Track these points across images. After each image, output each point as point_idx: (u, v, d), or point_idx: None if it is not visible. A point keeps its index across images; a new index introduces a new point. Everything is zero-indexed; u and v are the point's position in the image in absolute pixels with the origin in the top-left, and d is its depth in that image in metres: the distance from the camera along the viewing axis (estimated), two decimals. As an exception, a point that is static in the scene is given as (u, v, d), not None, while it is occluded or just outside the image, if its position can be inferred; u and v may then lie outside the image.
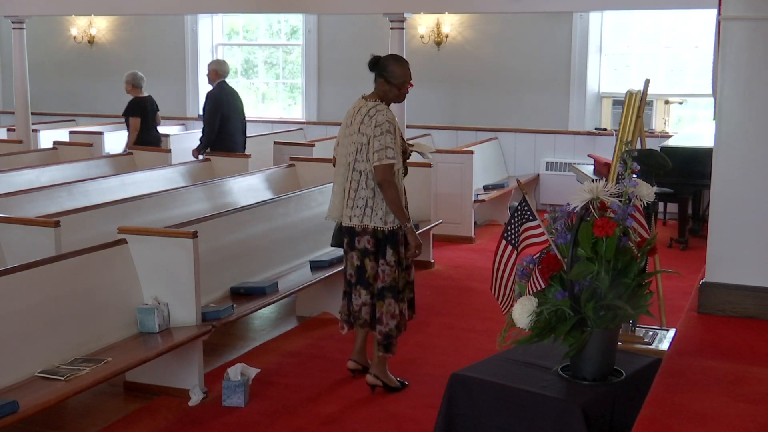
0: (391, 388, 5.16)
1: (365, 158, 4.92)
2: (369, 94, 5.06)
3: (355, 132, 4.96)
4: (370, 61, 5.07)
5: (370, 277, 5.03)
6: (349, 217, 5.01)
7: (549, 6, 9.54)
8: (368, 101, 5.00)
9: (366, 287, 5.05)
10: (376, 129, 4.87)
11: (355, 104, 5.07)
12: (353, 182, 4.97)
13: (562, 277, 3.13)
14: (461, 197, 9.03)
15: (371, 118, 4.90)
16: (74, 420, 4.78)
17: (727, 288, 3.56)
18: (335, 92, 12.35)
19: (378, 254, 5.01)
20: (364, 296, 5.06)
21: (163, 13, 12.06)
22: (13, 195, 6.73)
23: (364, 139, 4.91)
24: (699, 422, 2.61)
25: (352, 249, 5.06)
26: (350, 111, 5.08)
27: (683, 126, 11.26)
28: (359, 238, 5.02)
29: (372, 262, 5.02)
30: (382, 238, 4.99)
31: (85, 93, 13.82)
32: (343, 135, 5.08)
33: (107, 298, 4.85)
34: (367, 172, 4.93)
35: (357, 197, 4.97)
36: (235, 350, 5.88)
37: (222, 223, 5.93)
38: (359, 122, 4.94)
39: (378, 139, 4.86)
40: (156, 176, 8.21)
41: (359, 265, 5.04)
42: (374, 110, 4.93)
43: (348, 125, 5.04)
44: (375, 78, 5.04)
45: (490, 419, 3.25)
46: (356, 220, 4.98)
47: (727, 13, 3.49)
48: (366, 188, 4.95)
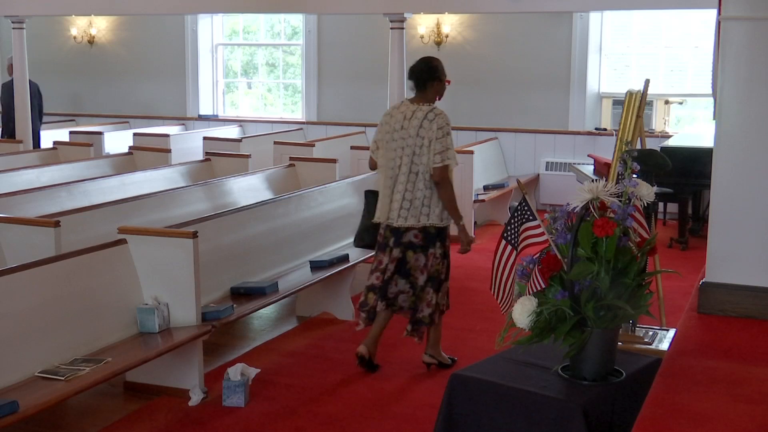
0: (445, 365, 5.46)
1: (423, 160, 5.13)
2: (415, 99, 5.29)
3: (411, 135, 5.16)
4: (422, 71, 5.26)
5: (411, 267, 5.27)
6: (404, 218, 5.20)
7: (549, 6, 9.54)
8: (421, 105, 5.22)
9: (405, 277, 5.28)
10: (438, 131, 5.11)
11: (400, 108, 5.27)
12: (408, 183, 5.18)
13: (562, 277, 3.13)
14: (461, 197, 8.90)
15: (431, 122, 5.12)
16: (74, 420, 4.79)
17: (727, 288, 3.56)
18: (335, 92, 12.35)
19: (424, 248, 5.26)
20: (402, 285, 5.30)
21: (163, 13, 12.06)
22: (13, 195, 6.73)
23: (425, 142, 5.13)
24: (699, 422, 2.61)
25: (395, 245, 5.28)
26: (396, 115, 5.26)
27: (683, 126, 11.26)
28: (405, 233, 5.25)
29: (416, 254, 5.26)
30: (434, 233, 5.24)
31: (86, 93, 13.83)
32: (391, 139, 5.24)
33: (107, 298, 4.85)
34: (425, 173, 5.14)
35: (413, 197, 5.18)
36: (235, 350, 5.88)
37: (222, 223, 5.93)
38: (417, 126, 5.14)
39: (440, 141, 5.11)
40: (156, 176, 8.21)
41: (400, 257, 5.27)
42: (432, 114, 5.15)
43: (397, 129, 5.21)
44: (424, 83, 5.24)
45: (490, 419, 3.25)
46: (412, 220, 5.20)
47: (727, 13, 3.49)
48: (423, 188, 5.17)
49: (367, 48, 11.84)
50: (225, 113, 13.37)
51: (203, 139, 10.66)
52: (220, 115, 13.29)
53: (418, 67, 5.30)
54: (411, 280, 5.28)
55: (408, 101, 5.29)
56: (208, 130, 12.22)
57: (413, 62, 5.41)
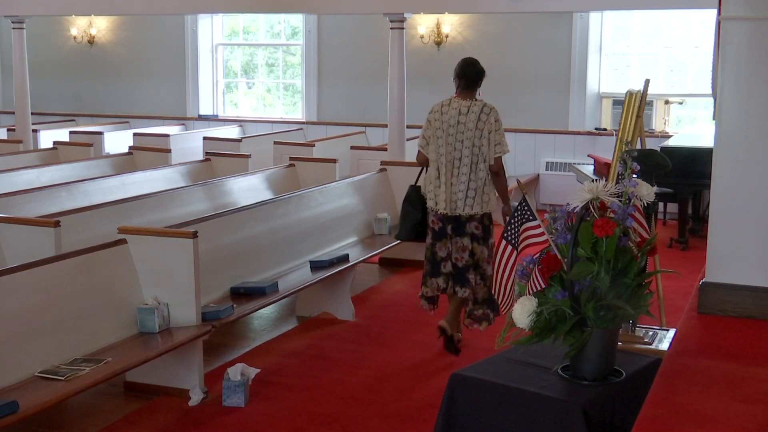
0: (451, 344, 5.77)
1: (484, 150, 5.55)
2: (463, 95, 5.65)
3: (470, 128, 5.54)
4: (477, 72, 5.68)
5: (479, 259, 5.64)
6: (470, 206, 5.59)
7: (549, 6, 9.54)
8: (474, 101, 5.64)
9: (476, 269, 5.64)
10: (496, 124, 5.57)
11: (451, 105, 5.63)
12: (471, 173, 5.57)
13: (562, 277, 3.13)
14: (461, 197, 9.01)
15: (488, 115, 5.56)
16: (74, 420, 4.78)
17: (727, 288, 3.56)
18: (335, 92, 12.35)
19: (485, 239, 5.66)
20: (475, 276, 5.64)
21: (163, 13, 12.06)
22: (13, 195, 6.73)
23: (485, 133, 5.54)
24: (699, 422, 2.61)
25: (458, 235, 5.63)
26: (448, 111, 5.61)
27: (683, 126, 11.26)
28: (468, 224, 5.58)
29: (480, 246, 5.64)
30: (488, 224, 5.67)
31: (85, 93, 13.83)
32: (447, 134, 5.59)
33: (107, 298, 4.85)
34: (484, 163, 5.55)
35: (477, 186, 5.58)
36: (235, 350, 5.88)
37: (222, 223, 5.93)
38: (475, 119, 5.55)
39: (498, 134, 5.56)
40: (156, 176, 8.21)
41: (471, 249, 5.63)
42: (488, 108, 5.60)
43: (453, 124, 5.58)
44: (476, 82, 5.68)
45: (490, 419, 3.25)
46: (477, 207, 5.60)
47: (727, 13, 3.49)
48: (479, 179, 5.58)
49: (367, 48, 11.84)
50: (225, 113, 13.37)
51: (203, 139, 10.67)
52: (220, 115, 13.29)
53: (471, 68, 5.68)
54: (480, 271, 5.64)
55: (455, 98, 5.65)
56: (208, 130, 12.23)
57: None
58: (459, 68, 5.70)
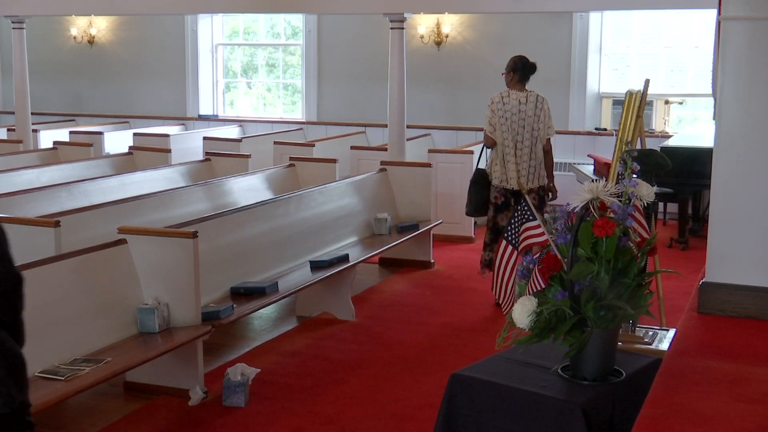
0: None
1: (541, 133, 6.63)
2: (518, 87, 6.71)
3: (530, 115, 6.64)
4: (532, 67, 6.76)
5: None
6: (532, 180, 6.62)
7: (549, 6, 9.53)
8: (530, 92, 6.73)
9: None
10: (548, 110, 6.71)
11: (511, 96, 6.66)
12: (532, 153, 6.61)
13: (562, 277, 3.13)
14: (461, 197, 9.00)
15: (542, 103, 6.71)
16: (74, 420, 4.78)
17: (727, 288, 3.56)
18: (335, 92, 12.35)
19: (538, 207, 6.26)
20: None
21: (163, 13, 12.05)
22: (13, 195, 6.72)
23: (541, 118, 6.64)
24: (699, 422, 2.61)
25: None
26: (509, 102, 6.63)
27: (683, 126, 11.26)
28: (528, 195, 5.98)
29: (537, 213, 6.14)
30: (543, 194, 6.69)
31: (86, 93, 13.82)
32: (511, 121, 6.61)
33: (107, 298, 4.85)
34: (538, 144, 6.63)
35: (536, 163, 6.64)
36: (235, 350, 5.87)
37: (222, 223, 5.93)
38: (533, 107, 6.66)
39: (549, 118, 6.71)
40: (156, 176, 8.21)
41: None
42: (541, 98, 6.74)
43: (515, 112, 6.62)
44: (529, 76, 6.76)
45: (490, 419, 3.25)
46: (537, 181, 6.65)
47: (727, 13, 3.49)
48: (537, 157, 6.64)
49: (367, 48, 11.83)
50: (225, 113, 13.37)
51: (203, 139, 10.66)
52: (220, 115, 13.29)
53: (528, 64, 6.73)
54: None
55: (513, 90, 6.68)
56: (208, 130, 12.22)
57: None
58: (513, 64, 6.73)
